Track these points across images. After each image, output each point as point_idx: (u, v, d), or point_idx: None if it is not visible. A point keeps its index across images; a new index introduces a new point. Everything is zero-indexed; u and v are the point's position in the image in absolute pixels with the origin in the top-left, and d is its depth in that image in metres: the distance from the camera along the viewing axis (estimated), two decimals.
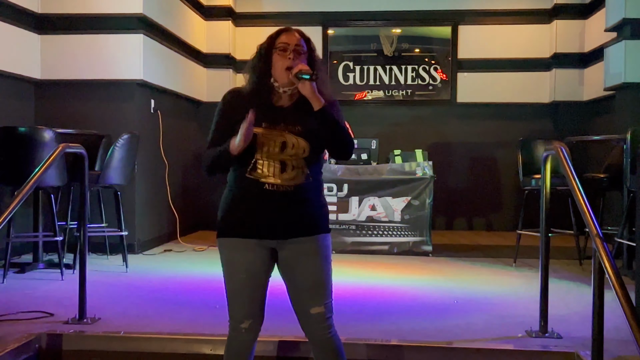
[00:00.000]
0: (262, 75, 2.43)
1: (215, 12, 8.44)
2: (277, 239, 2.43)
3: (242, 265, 2.43)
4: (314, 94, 2.35)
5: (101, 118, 6.23)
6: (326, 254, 2.48)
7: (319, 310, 2.42)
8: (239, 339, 2.49)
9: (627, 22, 6.34)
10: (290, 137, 2.38)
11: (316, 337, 2.45)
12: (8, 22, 5.77)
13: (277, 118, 2.40)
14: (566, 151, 3.21)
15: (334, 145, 2.41)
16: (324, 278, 2.45)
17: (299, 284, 2.44)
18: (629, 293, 2.30)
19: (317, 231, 2.46)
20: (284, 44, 2.41)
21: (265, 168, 2.38)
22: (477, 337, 3.51)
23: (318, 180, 2.50)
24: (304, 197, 2.41)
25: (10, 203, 3.19)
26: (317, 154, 2.45)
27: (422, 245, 6.42)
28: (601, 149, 7.07)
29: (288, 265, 2.45)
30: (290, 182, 2.38)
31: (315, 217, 2.47)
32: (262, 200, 2.38)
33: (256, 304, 2.46)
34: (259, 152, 2.37)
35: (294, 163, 2.39)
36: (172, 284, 4.95)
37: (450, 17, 8.68)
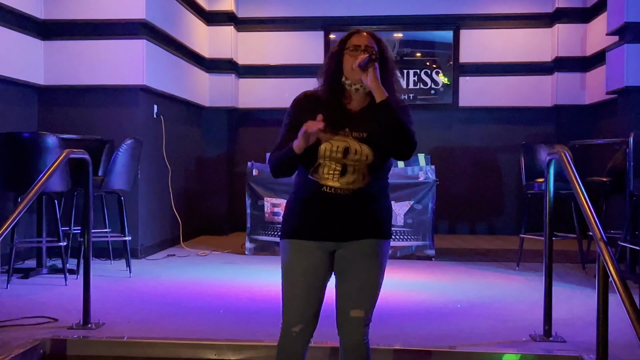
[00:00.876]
0: (334, 76, 2.43)
1: (218, 18, 8.46)
2: (335, 240, 2.42)
3: (299, 267, 2.42)
4: (378, 84, 2.33)
5: (104, 123, 6.24)
6: (381, 261, 2.45)
7: (358, 315, 2.41)
8: (289, 343, 2.45)
9: (629, 26, 6.35)
10: (353, 143, 2.36)
11: (349, 340, 2.43)
12: (11, 28, 5.79)
13: (343, 122, 2.39)
14: (569, 155, 3.21)
15: (393, 142, 2.36)
16: (374, 284, 2.44)
17: (347, 282, 2.43)
18: (633, 297, 2.30)
19: (377, 235, 2.44)
20: (355, 45, 2.41)
21: (326, 170, 2.38)
22: (480, 342, 3.50)
23: (381, 185, 2.48)
24: (362, 202, 2.40)
25: (15, 209, 3.20)
26: (382, 161, 2.43)
27: (425, 249, 6.42)
28: (604, 152, 7.07)
29: (343, 264, 2.44)
30: (348, 186, 2.37)
31: (375, 221, 2.45)
32: (320, 202, 2.39)
33: (311, 308, 2.43)
34: (322, 156, 2.37)
35: (355, 167, 2.37)
36: (176, 289, 4.95)
37: (452, 21, 8.69)
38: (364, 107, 2.45)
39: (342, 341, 2.46)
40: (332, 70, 2.44)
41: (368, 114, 2.40)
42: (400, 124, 2.34)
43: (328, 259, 2.44)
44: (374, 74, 2.33)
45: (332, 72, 2.44)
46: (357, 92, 2.42)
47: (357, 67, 2.34)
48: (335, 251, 2.45)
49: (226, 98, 8.54)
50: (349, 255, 2.43)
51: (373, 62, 2.34)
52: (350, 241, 2.42)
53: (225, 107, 8.56)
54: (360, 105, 2.45)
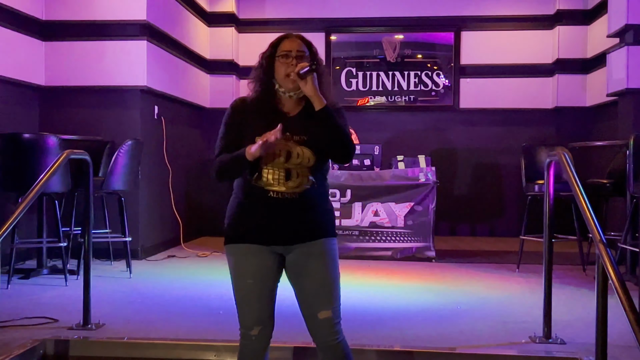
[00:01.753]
0: (267, 83, 2.44)
1: (219, 19, 8.47)
2: (284, 244, 2.43)
3: (249, 271, 2.43)
4: (316, 92, 2.35)
5: (105, 124, 6.25)
6: (333, 257, 2.47)
7: (326, 315, 2.41)
8: (250, 346, 2.47)
9: (630, 28, 6.35)
10: (295, 147, 2.38)
11: (324, 342, 2.44)
12: (13, 29, 5.80)
13: (283, 127, 2.39)
14: (569, 157, 3.21)
15: (334, 147, 2.40)
16: (331, 281, 2.44)
17: (306, 287, 2.44)
18: (632, 299, 2.31)
19: (323, 235, 2.46)
20: (286, 51, 2.42)
21: (270, 176, 2.39)
22: (480, 343, 3.50)
23: (323, 186, 2.51)
24: (309, 204, 2.42)
25: (15, 209, 3.21)
26: (322, 162, 2.46)
27: (426, 251, 6.42)
28: (604, 154, 7.07)
29: (295, 269, 2.45)
30: (295, 189, 2.39)
31: (321, 222, 2.47)
32: (268, 208, 2.40)
33: (265, 310, 2.45)
34: (264, 162, 2.38)
35: (298, 171, 2.39)
36: (176, 289, 4.95)
37: (453, 23, 8.70)
38: (300, 110, 2.46)
39: (318, 344, 2.47)
40: (264, 77, 2.44)
41: (305, 118, 2.42)
42: (340, 130, 2.38)
43: (276, 259, 2.45)
44: (312, 82, 2.34)
45: (264, 78, 2.45)
46: (291, 98, 2.44)
47: (295, 75, 2.35)
48: (283, 254, 2.46)
49: (227, 99, 8.52)
50: (300, 259, 2.44)
51: (312, 72, 2.34)
52: (297, 244, 2.43)
53: (226, 109, 8.48)
54: (295, 109, 2.47)
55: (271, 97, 2.45)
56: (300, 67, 2.35)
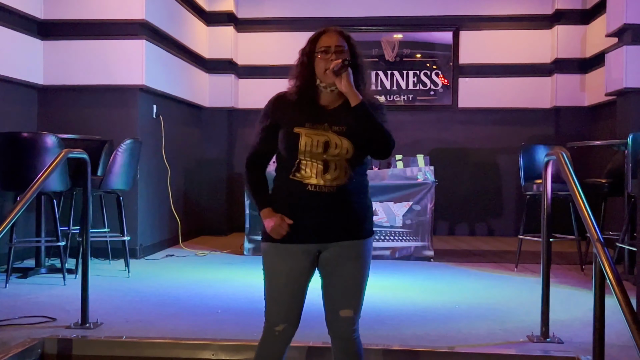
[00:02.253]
0: (307, 78, 2.44)
1: (217, 18, 8.47)
2: (321, 242, 2.43)
3: (283, 272, 2.44)
4: (351, 88, 2.35)
5: (104, 123, 6.25)
6: (367, 260, 2.47)
7: (348, 314, 2.43)
8: (272, 341, 2.48)
9: (628, 27, 6.36)
10: (333, 137, 2.37)
11: (340, 336, 2.47)
12: (11, 28, 5.80)
13: (322, 117, 2.41)
14: (567, 156, 3.22)
15: (371, 143, 2.38)
16: (361, 284, 2.46)
17: (335, 285, 2.45)
18: (629, 298, 2.31)
19: (361, 235, 2.45)
20: (325, 46, 2.42)
21: (308, 169, 2.38)
22: (478, 342, 3.51)
23: (362, 182, 2.49)
24: (347, 199, 2.40)
25: (13, 208, 3.21)
26: (361, 155, 2.43)
27: (424, 250, 6.42)
28: (603, 154, 7.08)
29: (329, 267, 2.45)
30: (332, 182, 2.37)
31: (360, 219, 2.46)
32: (306, 202, 2.38)
33: (293, 309, 2.46)
34: (302, 153, 2.37)
35: (337, 163, 2.38)
36: (174, 289, 4.95)
37: (452, 22, 8.70)
38: (340, 104, 2.46)
39: (333, 339, 2.50)
40: (305, 73, 2.44)
41: (345, 110, 2.41)
42: (377, 126, 2.36)
43: (311, 261, 2.45)
44: (347, 79, 2.35)
45: (304, 74, 2.45)
46: (332, 93, 2.44)
47: (330, 72, 2.36)
48: (319, 253, 2.46)
49: (226, 98, 8.55)
50: (334, 258, 2.44)
51: (346, 68, 2.35)
52: (333, 242, 2.42)
53: (224, 108, 8.57)
54: (335, 103, 2.47)
55: (312, 92, 2.45)
56: (334, 64, 2.35)
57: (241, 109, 8.75)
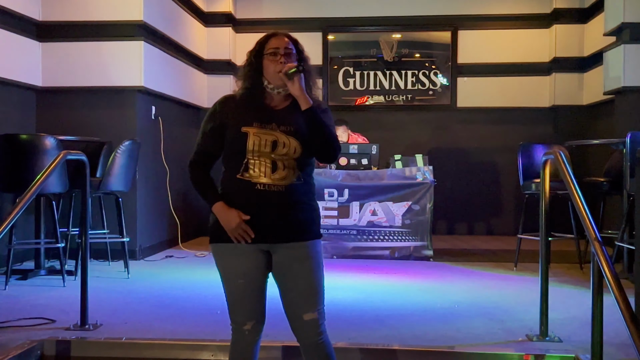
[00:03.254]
0: (255, 80, 2.46)
1: (216, 19, 8.47)
2: (269, 242, 2.43)
3: (239, 271, 2.44)
4: (302, 93, 2.39)
5: (102, 125, 6.25)
6: (318, 260, 2.47)
7: (312, 317, 2.42)
8: (242, 341, 2.49)
9: (626, 26, 6.37)
10: (281, 136, 2.39)
11: (308, 342, 2.46)
12: (9, 30, 5.80)
13: (270, 117, 2.43)
14: (565, 155, 3.22)
15: (319, 146, 2.42)
16: (317, 284, 2.45)
17: (291, 289, 2.45)
18: (627, 297, 2.31)
19: (308, 237, 2.46)
20: (274, 48, 2.45)
21: (256, 168, 2.39)
22: (478, 342, 3.51)
23: (309, 183, 2.51)
24: (295, 199, 2.42)
25: (12, 210, 3.21)
26: (309, 156, 2.46)
27: (423, 250, 6.43)
28: (601, 152, 7.08)
29: (281, 270, 2.46)
30: (281, 181, 2.39)
31: (307, 221, 2.47)
32: (255, 201, 2.39)
33: (257, 306, 2.47)
34: (250, 152, 2.38)
35: (285, 163, 2.40)
36: (174, 290, 4.95)
37: (450, 22, 8.70)
38: (287, 105, 2.49)
39: (301, 344, 2.49)
40: (253, 74, 2.46)
41: (292, 111, 2.45)
42: (326, 130, 2.41)
43: (264, 257, 2.46)
44: (299, 83, 2.38)
45: (252, 75, 2.47)
46: (279, 94, 2.47)
47: (282, 75, 2.38)
48: (269, 251, 2.46)
49: None
50: (284, 261, 2.44)
51: (299, 73, 2.38)
52: (282, 243, 2.43)
53: None
54: (283, 104, 2.49)
55: (259, 93, 2.47)
56: (287, 67, 2.38)
57: None
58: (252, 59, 2.48)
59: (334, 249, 6.43)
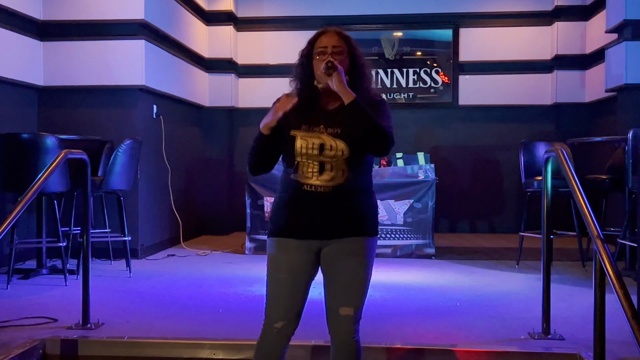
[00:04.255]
0: (307, 80, 2.47)
1: (217, 17, 8.47)
2: (322, 239, 2.44)
3: (284, 265, 2.45)
4: (343, 87, 2.37)
5: (104, 124, 6.25)
6: (368, 257, 2.47)
7: (348, 312, 2.42)
8: (270, 339, 2.47)
9: (628, 23, 6.35)
10: (328, 139, 2.40)
11: (339, 337, 2.45)
12: (10, 29, 5.80)
13: (318, 120, 2.43)
14: (567, 153, 3.22)
15: (367, 140, 2.39)
16: (360, 281, 2.45)
17: (336, 280, 2.45)
18: (630, 294, 2.30)
19: (361, 233, 2.46)
20: (322, 47, 2.45)
21: (305, 168, 2.41)
22: (480, 339, 3.51)
23: (362, 181, 2.49)
24: (343, 198, 2.42)
25: (14, 209, 3.20)
26: (359, 155, 2.44)
27: (425, 248, 6.42)
28: (603, 150, 7.07)
29: (330, 262, 2.46)
30: (328, 183, 2.40)
31: (359, 217, 2.46)
32: (303, 201, 2.42)
33: (294, 306, 2.46)
34: (299, 155, 2.41)
35: (333, 164, 2.40)
36: (176, 288, 4.95)
37: (452, 19, 8.69)
38: (338, 105, 2.47)
39: (333, 339, 2.48)
40: (304, 74, 2.48)
41: (342, 111, 2.43)
42: (372, 123, 2.36)
43: (313, 257, 2.46)
44: (338, 77, 2.37)
45: (304, 75, 2.48)
46: (330, 92, 2.46)
47: (321, 74, 2.39)
48: (321, 249, 2.47)
49: (226, 98, 8.55)
50: (335, 253, 2.45)
51: (335, 68, 2.37)
52: (334, 239, 2.44)
53: (224, 107, 8.57)
54: (334, 104, 2.48)
55: (311, 93, 2.47)
56: (324, 65, 2.38)
57: (241, 108, 8.75)
58: (302, 60, 2.50)
59: None
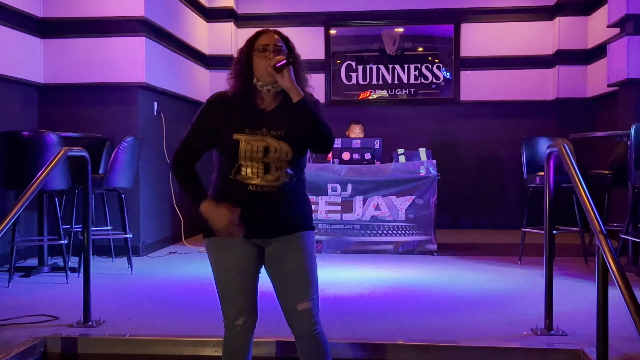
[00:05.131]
0: (245, 78, 2.46)
1: (217, 14, 8.45)
2: (263, 237, 2.46)
3: (232, 264, 2.46)
4: (293, 85, 2.38)
5: (104, 121, 6.24)
6: (310, 251, 2.49)
7: (305, 306, 2.43)
8: (235, 337, 2.50)
9: (630, 18, 6.33)
10: (272, 142, 2.40)
11: (302, 333, 2.46)
12: (10, 27, 5.79)
13: (260, 122, 2.42)
14: (569, 148, 3.20)
15: (313, 138, 2.42)
16: (309, 274, 2.47)
17: (284, 279, 2.46)
18: (633, 290, 2.29)
19: (300, 228, 2.48)
20: (263, 45, 2.44)
21: (249, 169, 2.40)
22: (482, 336, 3.50)
23: (301, 180, 2.53)
24: (287, 197, 2.44)
25: (14, 207, 3.20)
26: (300, 156, 2.48)
27: (427, 244, 6.41)
28: (605, 145, 7.05)
29: (274, 261, 2.47)
30: (273, 183, 2.40)
31: (299, 215, 2.49)
32: (246, 201, 2.40)
33: (249, 300, 2.48)
34: (242, 158, 2.39)
35: (277, 165, 2.41)
36: (178, 286, 4.95)
37: (453, 15, 8.67)
38: (277, 105, 2.47)
39: (296, 334, 2.49)
40: (243, 72, 2.46)
41: (282, 112, 2.44)
42: (318, 121, 2.40)
43: (256, 251, 2.48)
44: (289, 75, 2.37)
45: (242, 73, 2.46)
46: (269, 92, 2.46)
47: (271, 69, 2.37)
48: (262, 247, 2.48)
49: None
50: (278, 252, 2.46)
51: (288, 65, 2.36)
52: (276, 237, 2.45)
53: None
54: (272, 104, 2.48)
55: (249, 92, 2.46)
56: (276, 60, 2.37)
57: None
58: (241, 57, 2.48)
59: (337, 244, 6.42)
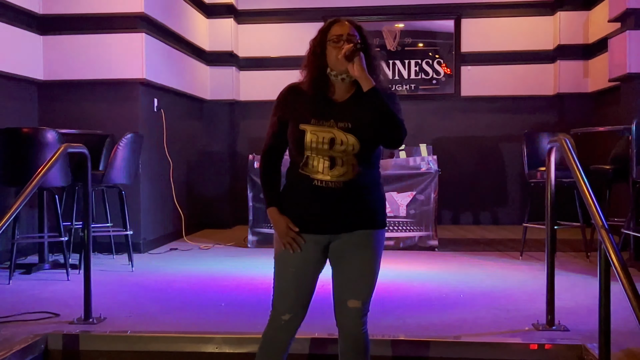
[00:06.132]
0: (318, 69, 2.42)
1: (217, 10, 8.43)
2: (331, 233, 2.43)
3: (293, 260, 2.44)
4: (364, 73, 2.33)
5: (104, 118, 6.23)
6: (377, 251, 2.47)
7: (355, 305, 2.42)
8: (277, 330, 2.49)
9: (631, 12, 6.30)
10: (339, 134, 2.36)
11: (347, 330, 2.45)
12: (10, 24, 5.77)
13: (328, 113, 2.39)
14: (570, 143, 3.18)
15: (382, 130, 2.35)
16: (370, 274, 2.45)
17: (344, 272, 2.44)
18: (635, 285, 2.28)
19: (370, 225, 2.45)
20: (337, 35, 2.40)
21: (315, 163, 2.38)
22: (484, 331, 3.50)
23: (372, 175, 2.48)
24: (354, 193, 2.40)
25: (14, 204, 3.19)
26: (369, 150, 2.42)
27: (428, 240, 6.40)
28: (607, 140, 7.03)
29: (338, 254, 2.45)
30: (339, 178, 2.37)
31: (369, 211, 2.45)
32: (312, 196, 2.39)
33: (301, 299, 2.47)
34: (308, 149, 2.37)
35: (343, 159, 2.37)
36: (178, 282, 4.94)
37: (453, 10, 8.64)
38: (349, 96, 2.44)
39: (341, 331, 2.48)
40: (316, 62, 2.42)
41: (353, 104, 2.40)
42: (389, 112, 2.34)
43: (320, 251, 2.45)
44: (359, 63, 2.33)
45: (315, 64, 2.42)
46: (343, 82, 2.42)
47: (342, 57, 2.33)
48: (329, 243, 2.46)
49: (227, 91, 8.52)
50: (344, 246, 2.44)
51: (358, 52, 2.33)
52: (344, 233, 2.43)
53: (226, 100, 8.54)
54: (345, 95, 2.45)
55: (323, 83, 2.43)
56: (346, 48, 2.33)
57: (242, 101, 8.73)
58: (315, 48, 2.44)
59: None
